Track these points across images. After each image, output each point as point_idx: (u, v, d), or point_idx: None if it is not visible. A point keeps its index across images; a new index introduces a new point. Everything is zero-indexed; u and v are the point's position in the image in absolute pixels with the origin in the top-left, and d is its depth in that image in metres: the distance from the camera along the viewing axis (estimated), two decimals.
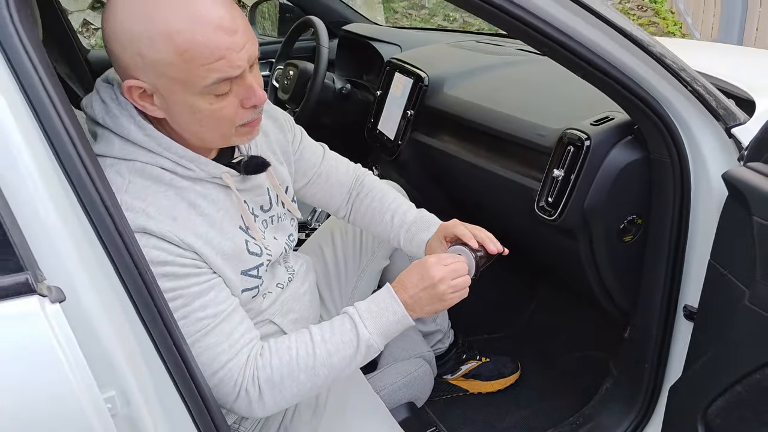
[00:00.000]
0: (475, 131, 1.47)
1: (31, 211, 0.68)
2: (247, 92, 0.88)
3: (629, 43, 1.04)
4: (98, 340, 0.72)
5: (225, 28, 0.82)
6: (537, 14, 0.99)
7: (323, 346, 0.98)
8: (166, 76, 0.83)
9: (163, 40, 0.80)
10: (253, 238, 1.02)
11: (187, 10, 0.80)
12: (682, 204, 1.18)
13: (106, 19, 0.84)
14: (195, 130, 0.91)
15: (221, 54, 0.82)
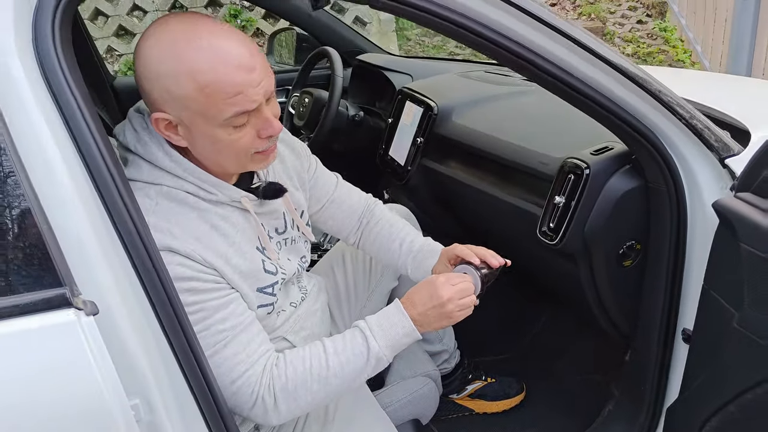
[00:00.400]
0: (482, 158, 1.53)
1: (70, 232, 0.75)
2: (263, 124, 0.96)
3: (625, 79, 1.10)
4: (126, 350, 0.79)
5: (244, 67, 0.90)
6: (533, 49, 1.05)
7: (336, 358, 1.03)
8: (190, 109, 0.91)
9: (187, 78, 0.88)
10: (269, 258, 1.09)
11: (210, 51, 0.88)
12: (678, 231, 1.23)
13: (137, 61, 0.93)
14: (214, 158, 0.99)
15: (239, 90, 0.90)
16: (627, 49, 5.48)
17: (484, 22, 0.99)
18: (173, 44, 0.89)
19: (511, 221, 1.44)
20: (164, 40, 0.89)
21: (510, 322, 1.92)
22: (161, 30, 0.91)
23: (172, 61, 0.89)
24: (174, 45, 0.89)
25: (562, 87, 1.09)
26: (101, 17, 4.19)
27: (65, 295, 0.71)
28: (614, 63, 1.08)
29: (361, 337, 1.06)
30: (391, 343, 1.06)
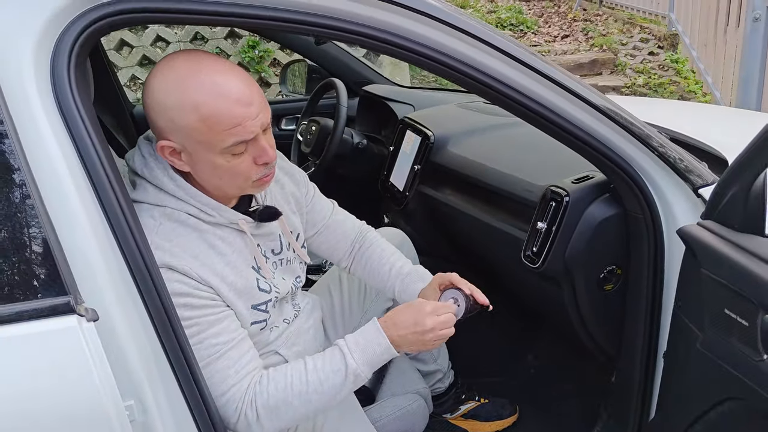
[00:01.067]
0: (473, 185, 1.61)
1: (76, 245, 0.84)
2: (260, 152, 1.05)
3: (597, 112, 1.17)
4: (123, 354, 0.87)
5: (242, 101, 0.99)
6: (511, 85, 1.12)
7: (315, 375, 1.10)
8: (192, 138, 1.00)
9: (191, 110, 0.98)
10: (264, 277, 1.17)
11: (212, 86, 0.98)
12: (656, 257, 1.28)
13: (145, 94, 1.02)
14: (215, 183, 1.08)
15: (238, 122, 0.99)
16: (638, 79, 5.54)
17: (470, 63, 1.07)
18: (179, 80, 0.99)
19: (499, 245, 1.51)
20: (170, 75, 0.99)
21: (506, 345, 1.97)
22: (168, 67, 1.01)
23: (178, 95, 0.98)
24: (179, 80, 0.98)
25: (537, 118, 1.16)
26: (126, 47, 4.38)
27: (69, 302, 0.79)
28: (585, 97, 1.16)
29: (339, 355, 1.12)
30: (369, 359, 1.12)
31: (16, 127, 0.81)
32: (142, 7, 0.91)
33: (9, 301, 0.78)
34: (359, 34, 1.01)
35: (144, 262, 0.91)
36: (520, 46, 1.15)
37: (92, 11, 0.88)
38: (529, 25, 7.08)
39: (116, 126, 2.35)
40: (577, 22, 7.16)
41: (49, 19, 0.85)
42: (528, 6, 8.09)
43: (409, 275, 1.36)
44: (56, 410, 0.79)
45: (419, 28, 1.03)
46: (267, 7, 0.95)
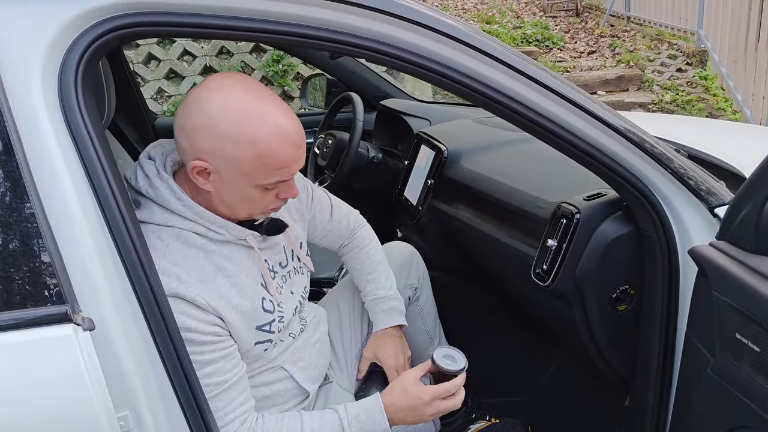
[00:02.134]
0: (485, 201, 1.59)
1: (77, 254, 0.85)
2: (287, 189, 1.08)
3: (609, 129, 1.15)
4: (119, 365, 0.87)
5: (296, 145, 1.02)
6: (523, 102, 1.11)
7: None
8: (237, 168, 1.01)
9: (247, 144, 0.98)
10: (270, 294, 1.16)
11: (274, 126, 0.99)
12: (671, 277, 1.25)
13: (194, 112, 1.00)
14: (235, 206, 1.08)
15: (287, 164, 1.02)
16: (666, 96, 5.46)
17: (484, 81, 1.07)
18: (241, 111, 0.98)
19: (510, 262, 1.49)
20: (233, 105, 0.98)
21: (519, 363, 1.93)
22: (229, 92, 0.99)
23: (238, 126, 0.98)
24: (242, 112, 0.98)
25: (548, 135, 1.14)
26: (153, 61, 4.48)
27: (66, 311, 0.80)
28: (597, 114, 1.14)
29: (339, 426, 1.13)
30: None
31: (20, 135, 0.83)
32: (151, 21, 0.92)
33: (6, 308, 0.79)
34: (369, 49, 1.01)
35: (144, 272, 0.92)
36: (529, 61, 1.13)
37: (102, 24, 0.89)
38: (554, 40, 7.06)
39: (138, 139, 2.39)
40: (604, 38, 7.11)
41: (59, 31, 0.86)
42: (554, 22, 8.07)
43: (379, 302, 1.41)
44: (48, 418, 0.80)
45: (422, 41, 1.02)
46: (273, 21, 0.96)
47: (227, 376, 1.07)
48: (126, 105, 2.31)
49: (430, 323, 1.63)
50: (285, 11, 0.95)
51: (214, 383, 1.06)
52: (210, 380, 1.05)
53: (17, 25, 0.84)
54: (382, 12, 0.98)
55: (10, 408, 0.78)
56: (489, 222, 1.58)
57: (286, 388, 1.25)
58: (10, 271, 0.81)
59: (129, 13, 0.90)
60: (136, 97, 2.38)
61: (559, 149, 1.18)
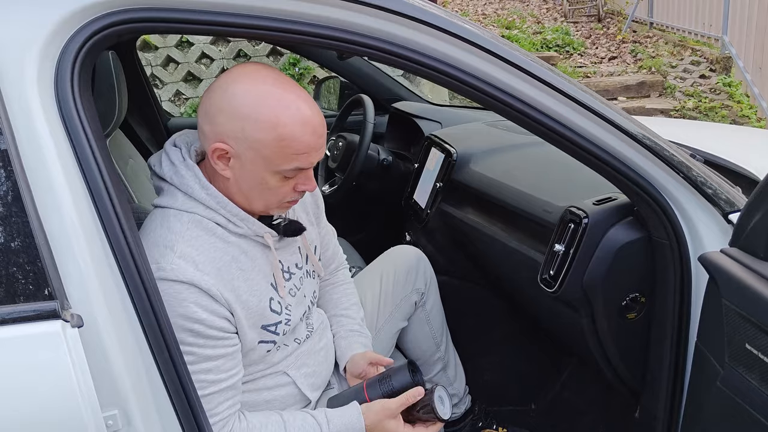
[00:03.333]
0: (492, 204, 1.56)
1: (68, 250, 0.84)
2: (305, 180, 1.07)
3: (620, 133, 1.11)
4: (108, 363, 0.86)
5: (317, 133, 1.02)
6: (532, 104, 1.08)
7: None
8: (257, 151, 1.01)
9: (269, 126, 0.99)
10: (279, 296, 1.15)
11: (297, 112, 1.00)
12: (683, 285, 1.21)
13: (218, 96, 1.01)
14: (252, 196, 1.07)
15: (307, 150, 1.02)
16: (688, 103, 5.36)
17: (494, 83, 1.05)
18: (266, 94, 0.99)
19: (517, 267, 1.45)
20: (258, 87, 1.00)
21: (527, 371, 1.89)
22: (254, 78, 1.01)
23: (261, 108, 0.99)
24: (266, 95, 0.99)
25: (557, 138, 1.11)
26: (172, 64, 4.52)
27: (55, 307, 0.79)
28: (608, 117, 1.10)
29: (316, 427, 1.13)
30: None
31: (14, 131, 0.82)
32: (149, 17, 0.91)
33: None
34: (376, 48, 0.99)
35: (137, 269, 0.90)
36: (541, 64, 1.11)
37: (98, 20, 0.89)
38: (575, 46, 6.99)
39: (150, 139, 2.40)
40: (625, 44, 7.02)
41: (55, 28, 0.86)
42: (575, 27, 8.00)
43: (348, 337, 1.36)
44: (31, 416, 0.79)
45: (430, 41, 1.00)
46: (276, 18, 0.94)
47: (223, 376, 1.06)
48: (139, 105, 2.33)
49: (437, 329, 1.60)
50: (284, 8, 0.94)
51: (208, 380, 1.04)
52: (206, 377, 1.04)
53: (12, 23, 0.84)
54: (393, 12, 0.96)
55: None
56: (497, 226, 1.54)
57: (287, 393, 1.23)
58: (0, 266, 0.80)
59: (125, 9, 0.89)
60: (150, 97, 2.39)
61: (569, 153, 1.15)
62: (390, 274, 1.52)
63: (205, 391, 1.04)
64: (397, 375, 1.21)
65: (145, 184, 1.87)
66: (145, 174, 1.93)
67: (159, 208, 1.09)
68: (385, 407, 1.15)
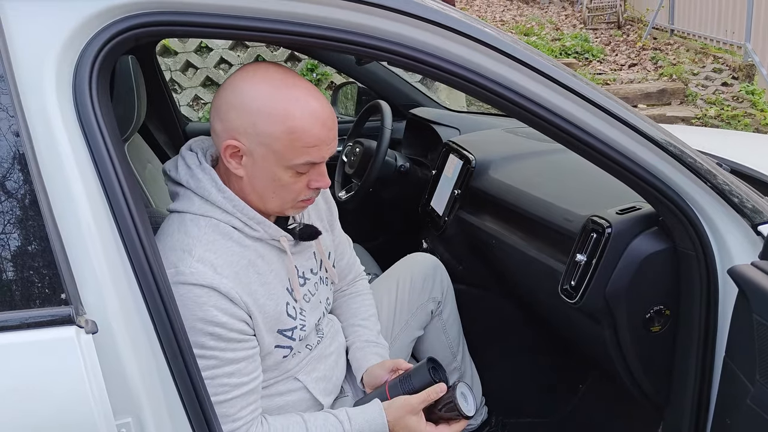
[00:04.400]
0: (512, 212, 1.53)
1: (84, 255, 0.83)
2: (318, 177, 1.07)
3: (645, 140, 1.08)
4: (123, 370, 0.84)
5: (327, 125, 1.02)
6: (554, 110, 1.06)
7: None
8: (268, 146, 1.01)
9: (279, 119, 0.99)
10: (295, 300, 1.14)
11: (305, 104, 1.01)
12: (709, 298, 1.17)
13: (228, 92, 1.02)
14: (266, 194, 1.06)
15: (318, 143, 1.01)
16: (710, 111, 5.29)
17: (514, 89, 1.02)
18: (274, 89, 1.00)
19: (536, 277, 1.42)
20: (266, 82, 1.00)
21: (545, 383, 1.85)
22: (262, 74, 1.02)
23: (270, 102, 0.99)
24: (275, 89, 1.00)
25: (582, 146, 1.09)
26: (191, 69, 4.55)
27: (69, 313, 0.78)
28: (633, 124, 1.07)
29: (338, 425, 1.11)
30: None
31: (31, 134, 0.81)
32: (167, 21, 0.90)
33: (9, 308, 0.78)
34: (397, 53, 0.98)
35: (153, 276, 0.89)
36: (562, 68, 1.08)
37: (118, 23, 0.88)
38: (594, 53, 6.93)
39: (168, 143, 2.41)
40: (646, 51, 6.94)
41: (75, 29, 0.85)
42: (595, 34, 7.94)
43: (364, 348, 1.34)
44: (45, 421, 0.78)
45: (451, 46, 0.98)
46: (292, 22, 0.93)
47: (245, 379, 1.05)
48: (158, 109, 2.34)
49: (453, 338, 1.57)
50: (303, 12, 0.92)
51: (231, 384, 1.03)
52: (228, 380, 1.03)
53: (31, 28, 0.83)
54: (413, 16, 0.95)
55: (4, 409, 0.76)
56: (515, 234, 1.52)
57: (299, 399, 1.21)
58: (15, 271, 0.80)
59: (145, 12, 0.89)
60: (168, 102, 2.40)
61: (591, 160, 1.12)
62: (406, 281, 1.50)
63: (228, 395, 1.03)
64: (417, 374, 1.19)
65: (163, 189, 1.87)
66: (162, 178, 1.93)
67: (175, 212, 1.09)
68: (406, 403, 1.14)
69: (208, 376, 1.00)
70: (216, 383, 1.02)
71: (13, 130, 0.81)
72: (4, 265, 0.80)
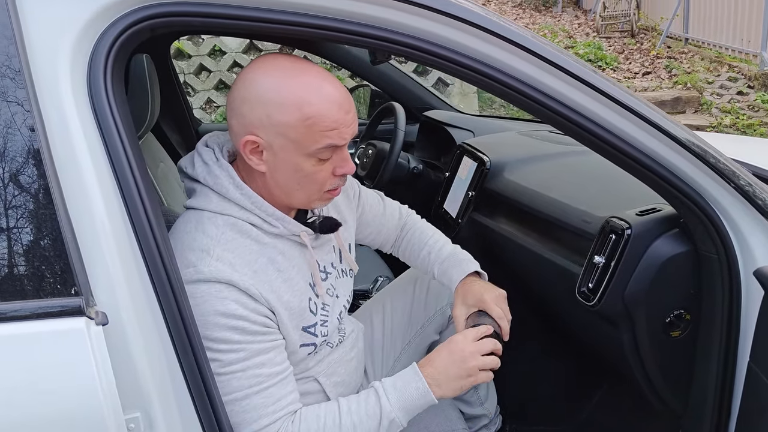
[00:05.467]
0: (527, 214, 1.51)
1: (97, 250, 0.82)
2: (341, 162, 1.03)
3: (669, 140, 1.06)
4: (133, 364, 0.83)
5: (343, 107, 0.99)
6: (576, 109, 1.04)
7: (349, 418, 1.03)
8: (286, 136, 0.98)
9: (294, 107, 0.96)
10: (317, 296, 1.12)
11: (318, 88, 0.98)
12: (732, 302, 1.14)
13: (240, 87, 1.00)
14: (290, 187, 1.04)
15: (336, 126, 0.98)
16: (725, 119, 5.24)
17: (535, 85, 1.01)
18: (285, 77, 0.98)
19: (553, 279, 1.40)
20: (276, 72, 0.98)
21: (561, 390, 1.82)
22: (271, 63, 1.00)
23: (282, 91, 0.97)
24: (286, 78, 0.98)
25: (603, 145, 1.06)
26: (204, 72, 4.57)
27: (80, 304, 0.77)
28: (658, 124, 1.05)
29: (375, 397, 1.06)
30: (405, 405, 1.06)
31: (45, 124, 0.80)
32: (184, 11, 0.89)
33: (20, 298, 0.76)
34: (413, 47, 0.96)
35: (165, 270, 0.88)
36: (580, 63, 1.06)
37: (134, 13, 0.87)
38: (608, 61, 6.90)
39: (181, 143, 2.41)
40: (660, 59, 6.90)
41: (91, 17, 0.84)
42: (608, 43, 7.91)
43: (447, 259, 1.33)
44: (53, 412, 0.76)
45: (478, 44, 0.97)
46: (318, 16, 0.92)
47: (279, 368, 1.03)
48: (171, 109, 2.34)
49: None
50: (336, 7, 0.91)
51: (265, 374, 1.00)
52: (260, 371, 1.00)
53: (45, 18, 0.82)
54: (439, 12, 0.93)
55: (12, 399, 0.75)
56: (532, 236, 1.49)
57: (316, 401, 1.19)
58: (27, 262, 0.79)
59: (162, 3, 0.88)
60: (182, 102, 2.41)
61: (611, 159, 1.10)
62: (423, 286, 1.48)
63: (263, 385, 1.00)
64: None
65: (174, 188, 1.87)
66: (174, 177, 1.92)
67: (192, 209, 1.07)
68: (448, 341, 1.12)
69: (239, 368, 0.98)
70: (248, 375, 0.99)
71: (28, 122, 0.80)
72: (16, 256, 0.79)
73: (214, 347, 0.96)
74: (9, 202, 0.80)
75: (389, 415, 1.04)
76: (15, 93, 0.80)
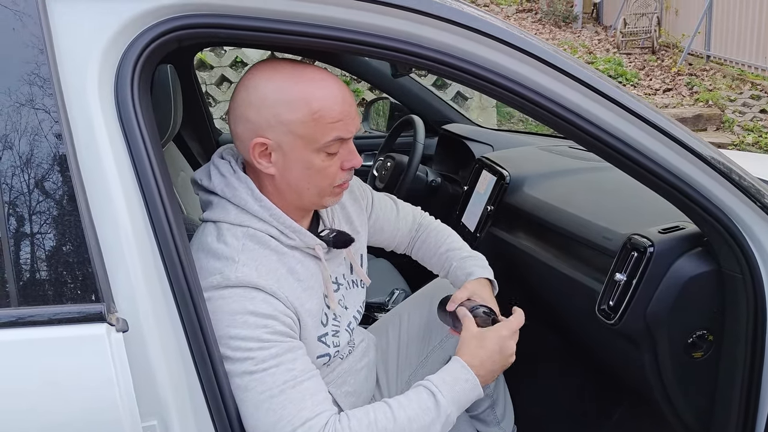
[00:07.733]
0: (547, 230, 1.49)
1: (119, 257, 0.83)
2: (349, 155, 1.06)
3: (694, 157, 1.04)
4: (152, 372, 0.83)
5: (346, 101, 1.03)
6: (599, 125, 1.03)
7: (402, 412, 1.00)
8: (294, 133, 1.00)
9: (301, 104, 0.99)
10: (328, 307, 1.12)
11: (322, 83, 1.01)
12: (756, 323, 1.12)
13: (243, 91, 1.02)
14: (301, 186, 1.05)
15: (342, 117, 1.01)
16: (748, 138, 5.17)
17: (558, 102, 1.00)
18: (288, 78, 1.00)
19: (572, 296, 1.38)
20: (277, 74, 1.01)
21: (579, 409, 1.79)
22: (271, 67, 1.02)
23: (288, 90, 0.99)
24: (289, 78, 1.00)
25: (625, 161, 1.05)
26: (226, 83, 4.63)
27: (101, 310, 0.77)
28: (682, 140, 1.04)
29: (427, 393, 1.04)
30: (457, 398, 1.04)
31: (72, 134, 0.82)
32: (212, 23, 0.91)
33: (42, 303, 0.77)
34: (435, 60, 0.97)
35: (186, 280, 0.89)
36: (606, 80, 1.05)
37: (162, 24, 0.88)
38: (628, 77, 6.86)
39: (201, 153, 2.44)
40: (681, 76, 6.85)
41: (120, 27, 0.86)
42: (629, 59, 7.88)
43: (468, 258, 1.35)
44: (71, 417, 0.77)
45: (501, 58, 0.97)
46: (340, 28, 0.93)
47: (309, 365, 1.02)
48: (192, 120, 2.37)
49: None
50: (358, 20, 0.92)
51: (299, 369, 0.99)
52: (294, 365, 0.98)
53: (75, 28, 0.84)
54: (459, 25, 0.94)
55: (32, 404, 0.76)
56: (551, 252, 1.48)
57: None
58: (50, 268, 0.79)
59: (190, 14, 0.89)
60: (203, 113, 2.44)
61: (634, 176, 1.09)
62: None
63: (298, 379, 0.98)
64: None
65: (194, 197, 1.88)
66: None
67: (210, 222, 1.07)
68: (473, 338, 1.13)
69: (274, 364, 0.97)
70: (282, 369, 0.97)
71: (55, 130, 0.82)
72: (40, 261, 0.79)
73: (246, 346, 0.95)
74: (34, 208, 0.81)
75: (446, 409, 1.02)
76: (43, 101, 0.81)
